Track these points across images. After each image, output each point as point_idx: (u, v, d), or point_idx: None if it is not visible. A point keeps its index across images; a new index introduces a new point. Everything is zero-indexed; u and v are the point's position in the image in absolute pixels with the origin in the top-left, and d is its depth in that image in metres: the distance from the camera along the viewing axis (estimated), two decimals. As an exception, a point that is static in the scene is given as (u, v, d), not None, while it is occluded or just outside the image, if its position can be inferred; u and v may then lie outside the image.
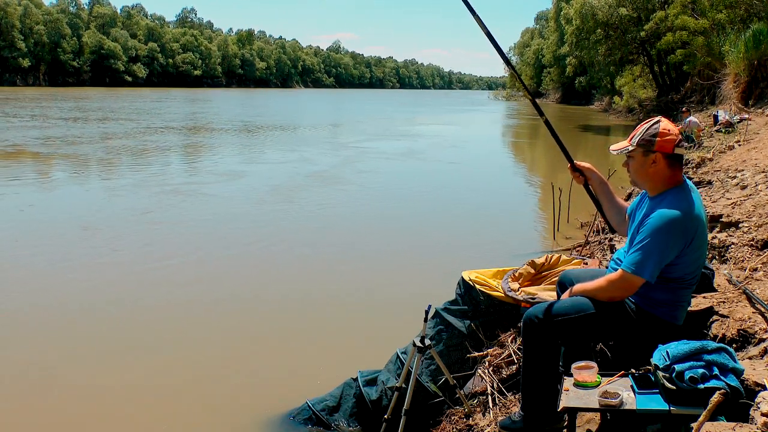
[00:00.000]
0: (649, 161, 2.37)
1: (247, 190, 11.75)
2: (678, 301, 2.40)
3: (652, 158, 2.36)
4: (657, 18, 24.97)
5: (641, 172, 2.41)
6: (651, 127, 2.38)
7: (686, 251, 2.31)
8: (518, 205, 11.41)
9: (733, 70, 16.90)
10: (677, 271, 2.35)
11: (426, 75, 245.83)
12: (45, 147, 18.13)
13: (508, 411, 3.04)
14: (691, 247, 2.31)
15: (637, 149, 2.39)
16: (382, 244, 8.11)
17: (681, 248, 2.30)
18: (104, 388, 4.24)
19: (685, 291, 2.41)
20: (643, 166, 2.39)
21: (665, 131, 2.36)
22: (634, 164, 2.43)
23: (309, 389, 3.94)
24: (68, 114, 32.72)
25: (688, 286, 2.41)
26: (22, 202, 10.23)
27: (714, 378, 2.07)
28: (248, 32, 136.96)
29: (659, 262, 2.29)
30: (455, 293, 3.62)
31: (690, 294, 2.45)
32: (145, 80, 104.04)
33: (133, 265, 6.83)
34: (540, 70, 72.12)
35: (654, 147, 2.35)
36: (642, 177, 2.42)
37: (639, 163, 2.40)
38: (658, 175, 2.38)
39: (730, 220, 4.72)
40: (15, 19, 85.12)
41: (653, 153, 2.36)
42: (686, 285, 2.39)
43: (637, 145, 2.39)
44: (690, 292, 2.45)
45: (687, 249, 2.31)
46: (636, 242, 2.33)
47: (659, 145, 2.35)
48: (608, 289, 2.37)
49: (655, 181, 2.39)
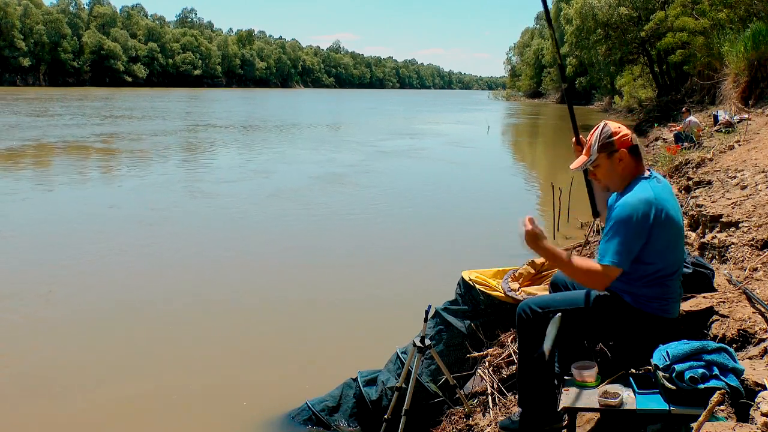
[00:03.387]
0: (615, 161, 2.45)
1: (249, 190, 11.76)
2: (666, 295, 2.41)
3: (617, 157, 2.44)
4: (657, 18, 24.95)
5: (612, 174, 2.47)
6: (603, 131, 2.48)
7: (653, 239, 2.33)
8: (518, 205, 11.40)
9: (733, 70, 16.88)
10: (654, 262, 2.36)
11: (426, 75, 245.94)
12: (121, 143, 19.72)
13: (508, 411, 3.04)
14: (656, 235, 2.33)
15: (600, 156, 2.47)
16: (381, 244, 8.11)
17: (647, 234, 2.32)
18: (103, 389, 4.24)
19: (671, 283, 2.42)
20: (612, 167, 2.46)
21: (617, 129, 2.47)
22: (601, 171, 2.50)
23: (309, 389, 3.94)
24: (107, 113, 34.44)
25: (672, 279, 2.42)
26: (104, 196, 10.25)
27: (714, 378, 2.07)
28: (248, 32, 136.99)
29: (626, 248, 2.30)
30: (455, 293, 3.62)
31: (678, 286, 2.47)
32: (145, 80, 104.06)
33: (132, 266, 6.84)
34: (540, 70, 72.10)
35: (615, 146, 2.44)
36: (613, 178, 2.48)
37: (606, 167, 2.47)
38: (626, 170, 2.45)
39: (730, 220, 4.71)
40: (15, 19, 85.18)
41: (617, 152, 2.44)
42: (670, 277, 2.41)
43: (599, 152, 2.46)
44: (677, 284, 2.45)
45: (653, 236, 2.32)
46: (606, 234, 2.38)
47: (619, 143, 2.44)
48: (585, 275, 2.34)
49: (624, 176, 2.46)
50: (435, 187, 12.80)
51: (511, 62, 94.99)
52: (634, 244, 2.32)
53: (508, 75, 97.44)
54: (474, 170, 16.08)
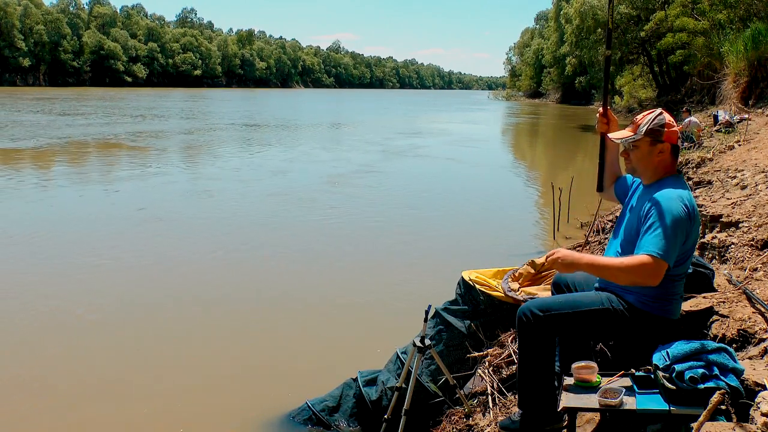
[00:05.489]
0: (656, 151, 2.41)
1: (249, 189, 11.76)
2: (670, 295, 2.39)
3: (659, 148, 2.41)
4: (657, 18, 24.97)
5: (646, 161, 2.44)
6: (657, 118, 2.43)
7: (688, 239, 2.32)
8: (518, 205, 11.40)
9: (733, 70, 16.89)
10: (680, 263, 2.35)
11: (426, 75, 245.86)
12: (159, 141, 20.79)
13: (508, 411, 3.04)
14: (689, 234, 2.32)
15: (645, 139, 2.42)
16: (382, 244, 8.11)
17: (687, 233, 2.29)
18: (102, 389, 4.24)
19: (676, 284, 2.40)
20: (650, 154, 2.42)
21: (670, 123, 2.43)
22: (637, 153, 2.45)
23: (309, 389, 3.93)
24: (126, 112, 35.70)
25: (679, 279, 2.40)
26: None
27: (714, 378, 2.07)
28: (248, 32, 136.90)
29: (674, 244, 2.24)
30: (455, 293, 3.62)
31: (681, 287, 2.45)
32: (145, 80, 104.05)
33: (131, 265, 6.84)
34: (540, 70, 72.12)
35: (662, 137, 2.40)
36: (645, 165, 2.45)
37: (645, 152, 2.43)
38: (662, 164, 2.43)
39: (730, 220, 4.71)
40: (15, 19, 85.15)
41: (661, 143, 2.41)
42: (678, 278, 2.39)
43: (645, 135, 2.41)
44: (681, 285, 2.44)
45: (688, 235, 2.31)
46: (651, 226, 2.27)
47: (667, 136, 2.41)
48: (637, 272, 2.23)
49: (657, 169, 2.43)
50: (434, 186, 12.79)
51: (511, 62, 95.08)
52: (680, 239, 2.28)
53: (508, 75, 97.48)
54: (474, 170, 16.08)
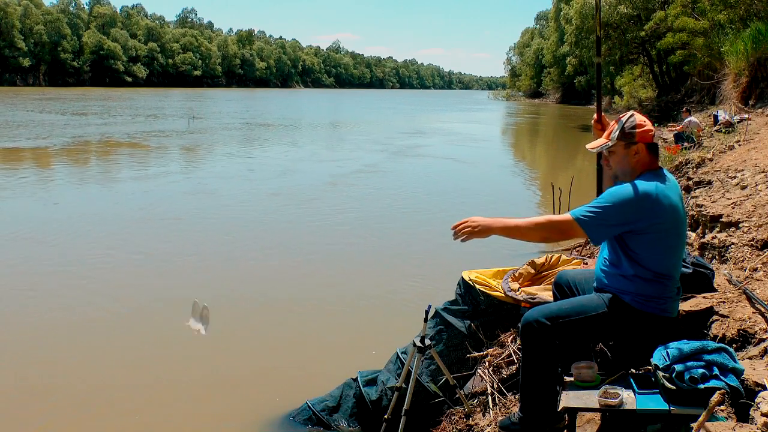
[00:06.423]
0: (632, 153, 2.46)
1: (249, 190, 11.76)
2: (665, 294, 2.42)
3: (634, 149, 2.46)
4: (657, 18, 24.96)
5: (624, 164, 2.49)
6: (628, 121, 2.48)
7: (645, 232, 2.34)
8: (518, 205, 11.40)
9: (733, 70, 16.88)
10: (651, 261, 2.37)
11: (426, 75, 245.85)
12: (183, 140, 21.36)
13: (508, 411, 3.04)
14: (647, 229, 2.34)
15: (618, 143, 2.48)
16: (382, 244, 8.11)
17: (628, 221, 2.34)
18: (102, 389, 4.24)
19: (669, 283, 2.43)
20: (626, 157, 2.47)
21: (642, 123, 2.48)
22: (615, 158, 2.51)
23: (309, 389, 3.94)
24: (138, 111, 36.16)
25: (670, 279, 2.43)
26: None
27: (714, 378, 2.07)
28: (248, 32, 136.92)
29: (602, 217, 2.34)
30: (455, 293, 3.62)
31: (676, 286, 2.47)
32: (145, 80, 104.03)
33: (132, 265, 6.84)
34: (540, 70, 72.13)
35: (635, 138, 2.45)
36: (624, 168, 2.49)
37: (621, 155, 2.49)
38: (639, 163, 2.47)
39: (730, 220, 4.71)
40: (15, 19, 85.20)
41: (635, 144, 2.45)
42: (664, 278, 2.41)
43: (618, 140, 2.47)
44: (675, 284, 2.46)
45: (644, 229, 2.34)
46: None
47: (640, 136, 2.45)
48: (546, 226, 2.45)
49: (636, 170, 2.47)
50: (434, 186, 12.78)
51: (511, 62, 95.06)
52: (612, 219, 2.35)
53: (508, 75, 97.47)
54: (473, 169, 16.07)
